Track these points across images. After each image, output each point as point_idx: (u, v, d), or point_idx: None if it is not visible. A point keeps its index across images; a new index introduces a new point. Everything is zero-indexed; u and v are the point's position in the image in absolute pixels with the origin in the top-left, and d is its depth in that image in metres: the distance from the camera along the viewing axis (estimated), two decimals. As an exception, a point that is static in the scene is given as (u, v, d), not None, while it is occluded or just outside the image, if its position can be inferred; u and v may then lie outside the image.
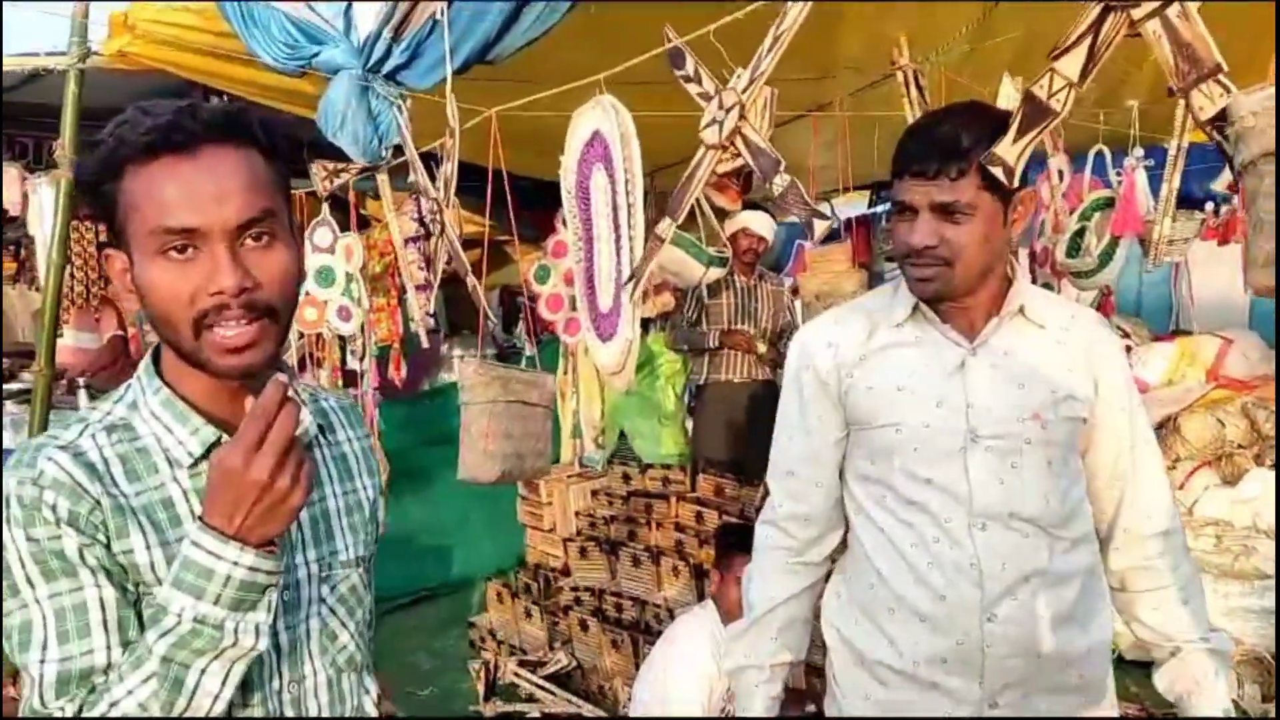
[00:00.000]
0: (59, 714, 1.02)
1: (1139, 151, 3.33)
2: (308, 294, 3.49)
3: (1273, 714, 2.87)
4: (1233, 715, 1.64)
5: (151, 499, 1.09)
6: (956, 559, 1.57)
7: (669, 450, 5.63)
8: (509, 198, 3.33)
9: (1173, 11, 1.27)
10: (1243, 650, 3.15)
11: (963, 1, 3.11)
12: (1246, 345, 4.10)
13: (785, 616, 1.77)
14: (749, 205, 4.77)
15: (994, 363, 1.61)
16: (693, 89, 2.10)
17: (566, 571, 4.38)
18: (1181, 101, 3.03)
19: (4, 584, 1.04)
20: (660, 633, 3.47)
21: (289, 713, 1.16)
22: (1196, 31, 1.27)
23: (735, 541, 2.96)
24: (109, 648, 1.04)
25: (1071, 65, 1.38)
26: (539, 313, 4.17)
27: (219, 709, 1.04)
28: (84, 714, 1.02)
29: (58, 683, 1.03)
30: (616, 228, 2.26)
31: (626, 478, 4.65)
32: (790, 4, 1.84)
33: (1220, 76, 1.28)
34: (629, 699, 3.38)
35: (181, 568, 1.01)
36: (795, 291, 7.21)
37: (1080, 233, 3.59)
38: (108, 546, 1.06)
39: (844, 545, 1.79)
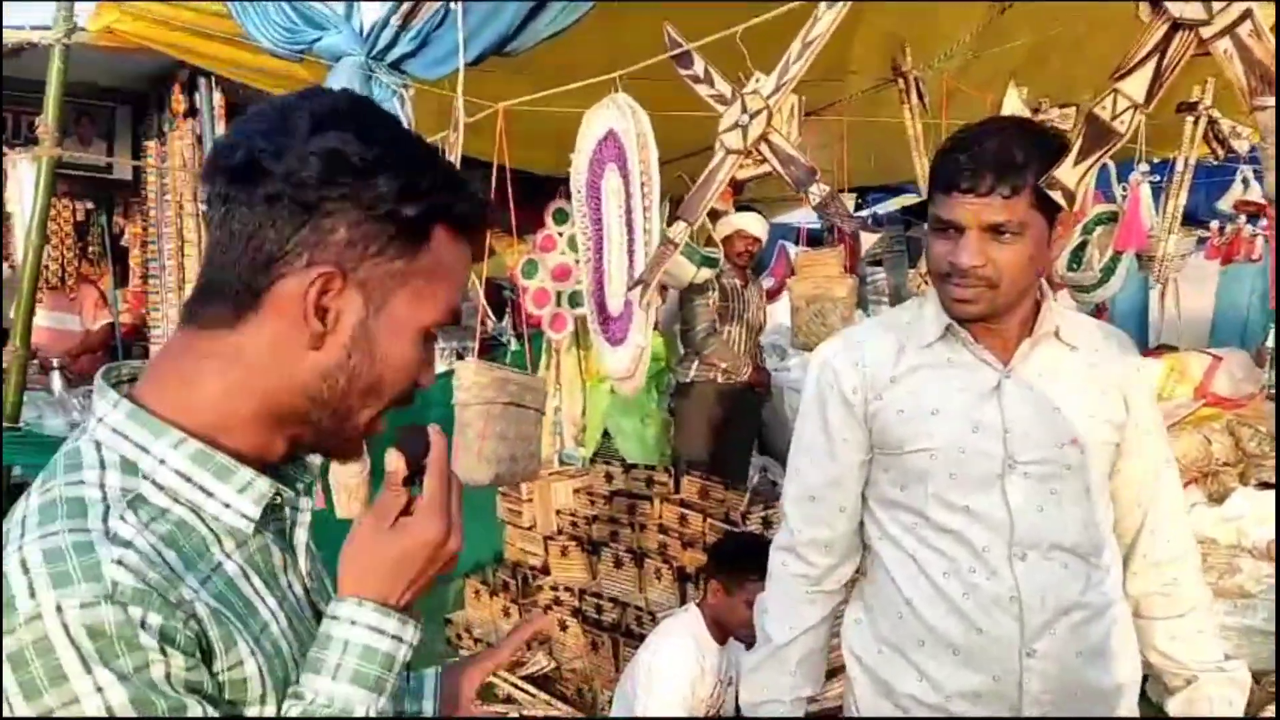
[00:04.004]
0: None
1: (1144, 166, 3.33)
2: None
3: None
4: None
5: (219, 588, 0.85)
6: (995, 590, 1.52)
7: (650, 450, 5.59)
8: (510, 194, 3.28)
9: (1244, 30, 1.23)
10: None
11: (972, 1, 3.08)
12: (1233, 363, 4.13)
13: (804, 648, 1.71)
14: (740, 207, 4.76)
15: (1030, 386, 1.57)
16: (703, 90, 2.04)
17: (546, 570, 4.33)
18: (1189, 118, 3.04)
19: None
20: (641, 636, 3.43)
21: None
22: (1269, 49, 1.23)
23: (742, 557, 2.90)
24: None
25: (1137, 86, 1.34)
26: (524, 307, 4.11)
27: None
28: None
29: None
30: (630, 230, 2.21)
31: (609, 477, 4.60)
32: (822, 9, 1.79)
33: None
34: (608, 702, 3.34)
35: (364, 660, 0.85)
36: (777, 293, 7.20)
37: (1082, 245, 3.58)
38: (208, 666, 0.81)
39: (860, 570, 1.74)
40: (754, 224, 4.86)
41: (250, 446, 0.89)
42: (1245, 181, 3.84)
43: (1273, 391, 4.78)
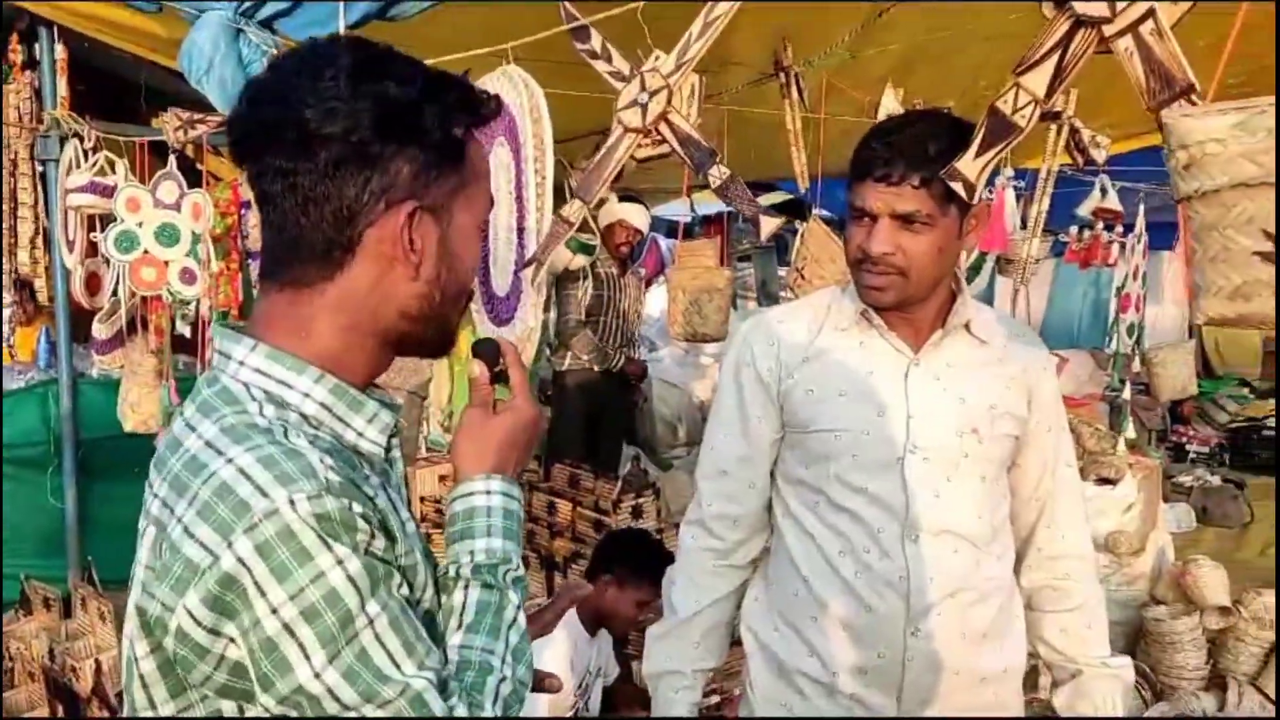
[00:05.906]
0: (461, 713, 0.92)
1: (1009, 171, 3.47)
2: (146, 253, 3.19)
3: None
4: None
5: (374, 494, 0.96)
6: (885, 570, 1.56)
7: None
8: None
9: (1146, 29, 1.26)
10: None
11: (856, 1, 3.14)
12: (1077, 364, 4.38)
13: (709, 621, 1.72)
14: (623, 197, 4.72)
15: (936, 375, 1.60)
16: (601, 66, 2.00)
17: (410, 559, 4.21)
18: (1053, 126, 3.18)
19: (311, 632, 0.85)
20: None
21: None
22: (1170, 50, 1.27)
23: (644, 557, 2.93)
24: (430, 649, 0.93)
25: (1038, 81, 1.36)
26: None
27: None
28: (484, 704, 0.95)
29: (438, 686, 0.90)
30: (520, 207, 2.15)
31: (477, 464, 4.50)
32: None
33: (1193, 96, 1.29)
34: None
35: (506, 519, 1.03)
36: (648, 283, 7.21)
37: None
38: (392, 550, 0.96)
39: (766, 548, 1.76)
40: (636, 215, 4.84)
41: (364, 374, 1.01)
42: (1104, 190, 4.08)
43: (1110, 393, 5.10)
